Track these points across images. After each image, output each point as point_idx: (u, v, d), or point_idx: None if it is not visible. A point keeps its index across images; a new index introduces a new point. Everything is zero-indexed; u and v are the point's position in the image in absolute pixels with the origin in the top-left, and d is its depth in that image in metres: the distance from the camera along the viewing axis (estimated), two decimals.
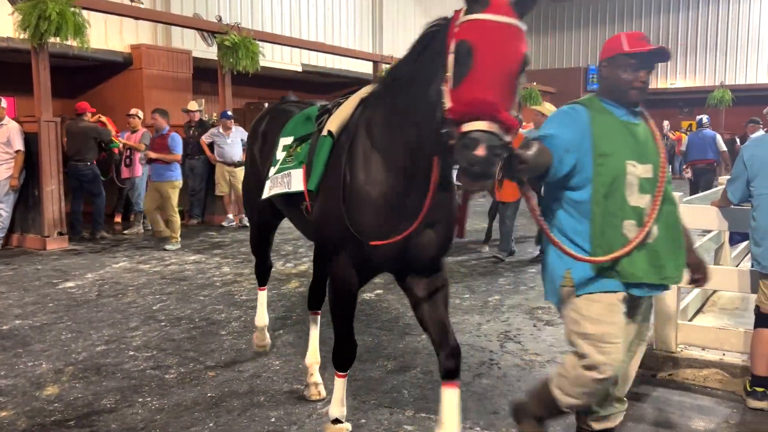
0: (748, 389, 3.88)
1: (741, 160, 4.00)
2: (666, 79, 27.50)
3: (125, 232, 10.56)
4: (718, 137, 11.89)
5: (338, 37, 19.48)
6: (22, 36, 8.70)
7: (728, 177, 4.37)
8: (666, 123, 21.87)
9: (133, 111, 10.80)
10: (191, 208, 11.64)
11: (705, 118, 12.51)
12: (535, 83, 22.87)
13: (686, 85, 26.86)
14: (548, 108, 6.31)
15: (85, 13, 9.14)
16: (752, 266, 4.02)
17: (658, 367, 4.39)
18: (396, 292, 6.58)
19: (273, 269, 7.68)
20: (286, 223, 4.76)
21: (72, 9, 8.76)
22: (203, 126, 11.53)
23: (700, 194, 6.34)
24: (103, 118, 10.60)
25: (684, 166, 13.01)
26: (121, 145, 10.50)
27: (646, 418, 3.68)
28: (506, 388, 4.10)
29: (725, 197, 4.20)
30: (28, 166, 9.06)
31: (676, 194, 4.51)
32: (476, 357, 4.67)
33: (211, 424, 3.57)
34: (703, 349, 4.48)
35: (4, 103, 9.02)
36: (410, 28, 22.99)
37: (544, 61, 30.27)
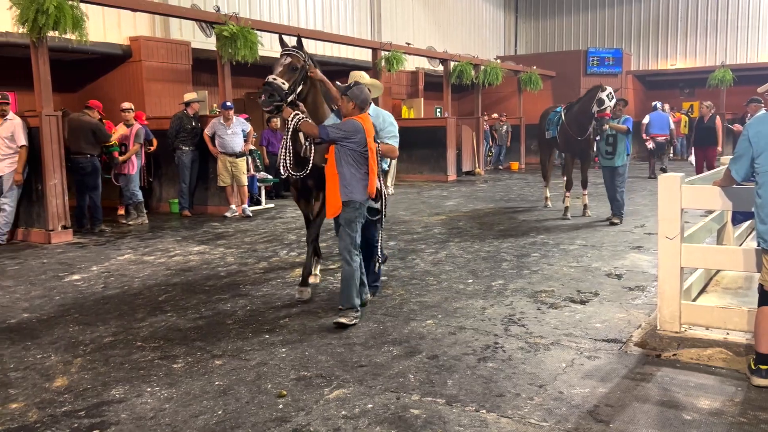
0: (753, 367, 3.90)
1: (746, 137, 3.99)
2: (666, 60, 27.37)
3: (130, 222, 10.63)
4: (670, 118, 17.37)
5: (336, 25, 19.41)
6: (20, 30, 8.69)
7: (731, 156, 4.37)
8: (666, 105, 21.80)
9: (126, 105, 10.84)
10: (180, 200, 11.67)
11: (659, 103, 18.20)
12: (534, 67, 22.78)
13: (687, 65, 26.72)
14: (374, 83, 6.11)
15: (83, 6, 9.11)
16: (758, 245, 4.02)
17: (663, 348, 4.41)
18: (400, 278, 6.61)
19: (277, 258, 7.75)
20: (290, 214, 4.78)
21: (70, 2, 8.73)
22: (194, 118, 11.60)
23: (703, 174, 6.34)
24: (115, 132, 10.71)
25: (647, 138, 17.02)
26: (122, 151, 10.58)
27: (650, 398, 3.71)
28: (511, 371, 4.13)
29: (728, 176, 4.20)
30: (31, 160, 9.08)
31: (678, 174, 4.52)
32: (481, 341, 4.70)
33: (219, 412, 3.61)
34: (707, 328, 4.50)
35: (8, 99, 9.04)
36: (408, 15, 22.90)
37: (543, 45, 30.13)
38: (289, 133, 5.54)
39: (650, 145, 16.88)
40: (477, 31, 27.64)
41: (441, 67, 20.13)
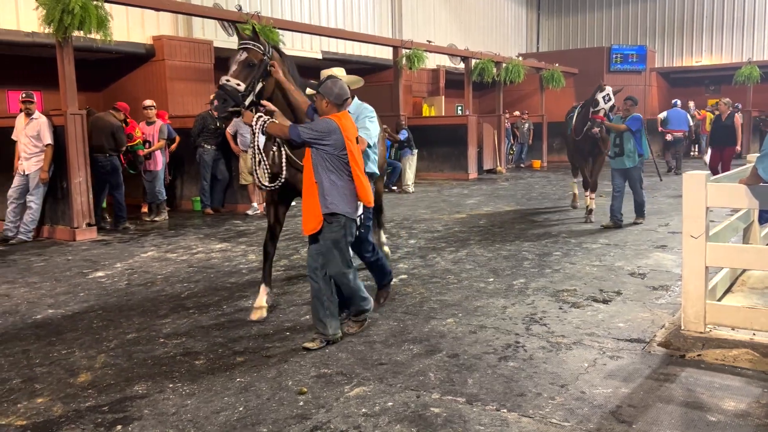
0: None
1: None
2: (691, 57, 27.00)
3: (155, 219, 10.77)
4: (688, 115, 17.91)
5: (358, 24, 19.43)
6: (46, 30, 8.81)
7: (757, 154, 4.30)
8: (691, 103, 21.50)
9: (147, 103, 10.98)
10: (202, 197, 11.77)
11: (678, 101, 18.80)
12: (557, 64, 22.59)
13: (712, 62, 26.33)
14: (352, 79, 5.52)
15: (107, 6, 9.22)
16: None
17: (687, 348, 4.35)
18: (420, 277, 6.59)
19: (298, 256, 7.77)
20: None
21: (94, 2, 8.85)
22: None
23: (729, 172, 6.24)
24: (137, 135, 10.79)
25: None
26: (145, 147, 10.69)
27: (675, 399, 3.66)
28: (532, 370, 4.10)
29: (755, 174, 4.13)
30: (56, 159, 9.21)
31: (701, 172, 4.46)
32: (502, 340, 4.68)
33: (240, 409, 3.63)
34: (733, 329, 4.44)
35: (34, 98, 9.19)
36: (429, 12, 22.85)
37: (566, 42, 29.90)
38: (256, 139, 4.83)
39: (669, 137, 17.55)
40: (499, 28, 27.50)
41: (462, 65, 20.05)
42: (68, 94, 9.07)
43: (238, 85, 4.76)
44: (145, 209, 11.27)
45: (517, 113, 22.22)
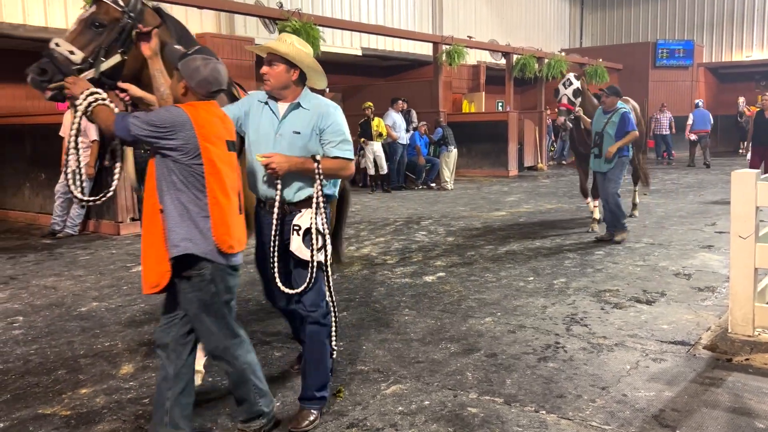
0: None
1: None
2: (741, 51, 26.20)
3: None
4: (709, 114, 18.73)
5: (398, 20, 19.39)
6: None
7: None
8: (741, 99, 20.88)
9: None
10: None
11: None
12: (600, 60, 22.20)
13: (763, 56, 25.50)
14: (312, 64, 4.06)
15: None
16: None
17: (735, 352, 4.22)
18: (458, 275, 6.55)
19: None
20: (349, 209, 4.79)
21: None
22: None
23: None
24: None
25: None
26: None
27: (720, 404, 3.55)
28: (572, 371, 4.03)
29: None
30: (101, 155, 9.41)
31: (745, 171, 4.31)
32: (541, 340, 4.60)
33: (278, 403, 3.64)
34: None
35: None
36: (470, 8, 22.68)
37: (610, 37, 29.34)
38: (75, 125, 3.13)
39: (693, 137, 18.82)
40: (541, 23, 27.15)
41: (503, 61, 19.85)
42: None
43: (72, 53, 3.33)
44: None
45: (549, 111, 21.91)
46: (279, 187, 3.30)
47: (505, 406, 3.57)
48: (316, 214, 3.30)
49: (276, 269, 3.41)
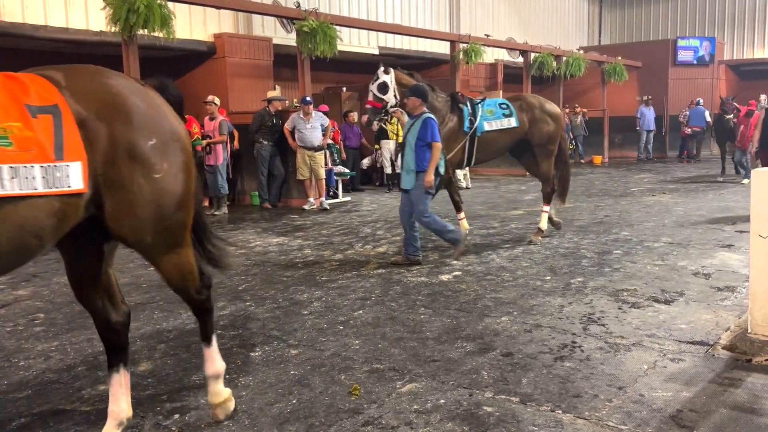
0: None
1: None
2: (763, 48, 25.81)
3: (215, 213, 11.04)
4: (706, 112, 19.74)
5: (414, 19, 19.36)
6: (113, 29, 9.12)
7: None
8: (763, 96, 20.58)
9: (209, 98, 11.24)
10: (260, 192, 11.97)
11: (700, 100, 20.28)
12: (619, 57, 22.00)
13: None
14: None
15: (170, 4, 9.47)
16: None
17: (754, 352, 4.17)
18: (474, 273, 6.53)
19: (353, 251, 7.81)
20: (365, 208, 4.80)
21: (158, 1, 9.12)
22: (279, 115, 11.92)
23: None
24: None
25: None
26: (204, 143, 10.97)
27: (739, 405, 3.51)
28: (589, 371, 4.01)
29: None
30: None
31: None
32: (558, 339, 4.58)
33: (294, 401, 3.67)
34: None
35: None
36: (488, 6, 22.58)
37: (629, 35, 29.05)
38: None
39: (688, 131, 20.05)
40: (559, 21, 26.95)
41: (521, 59, 19.75)
42: None
43: None
44: (206, 203, 11.55)
45: (567, 109, 21.76)
46: None
47: (520, 405, 3.56)
48: None
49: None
